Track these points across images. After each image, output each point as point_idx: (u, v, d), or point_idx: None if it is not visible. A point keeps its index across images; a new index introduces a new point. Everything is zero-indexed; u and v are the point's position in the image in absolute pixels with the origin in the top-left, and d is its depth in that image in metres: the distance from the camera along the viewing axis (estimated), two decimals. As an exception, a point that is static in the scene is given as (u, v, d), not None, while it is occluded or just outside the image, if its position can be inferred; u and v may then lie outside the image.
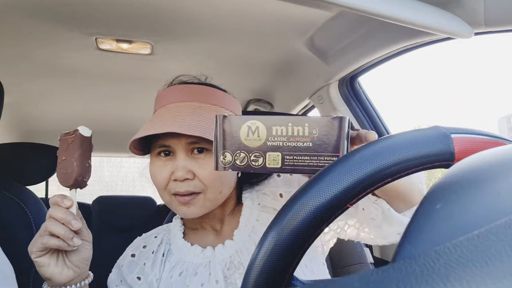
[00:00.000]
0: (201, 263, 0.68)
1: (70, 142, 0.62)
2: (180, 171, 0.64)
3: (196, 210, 0.66)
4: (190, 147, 0.66)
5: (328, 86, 1.22)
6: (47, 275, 0.58)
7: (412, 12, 0.67)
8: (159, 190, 0.69)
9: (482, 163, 0.22)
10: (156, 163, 0.68)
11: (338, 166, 0.31)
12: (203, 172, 0.65)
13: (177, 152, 0.66)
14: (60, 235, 0.56)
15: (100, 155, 2.59)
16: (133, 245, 0.77)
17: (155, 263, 0.71)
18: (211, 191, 0.66)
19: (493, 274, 0.13)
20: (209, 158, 0.66)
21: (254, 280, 0.31)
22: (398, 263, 0.15)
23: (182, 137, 0.65)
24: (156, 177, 0.67)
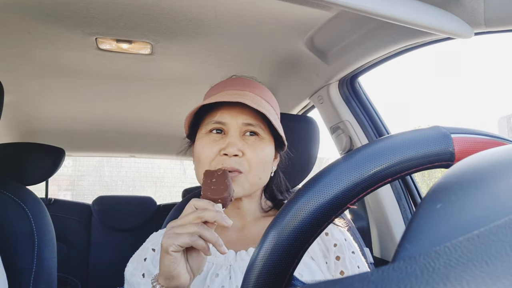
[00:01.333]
0: (223, 264, 0.68)
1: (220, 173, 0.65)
2: (232, 147, 0.67)
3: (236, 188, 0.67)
4: (244, 128, 0.71)
5: (328, 86, 1.22)
6: (174, 273, 0.55)
7: (412, 12, 0.67)
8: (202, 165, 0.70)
9: (482, 163, 0.22)
10: (205, 139, 0.71)
11: (338, 166, 0.31)
12: (252, 153, 0.69)
13: (230, 130, 0.70)
14: (212, 241, 0.54)
15: (100, 155, 2.60)
16: (152, 240, 0.76)
17: None
18: (253, 173, 0.69)
19: (493, 274, 0.13)
20: (259, 141, 0.71)
21: (254, 280, 0.31)
22: (398, 263, 0.15)
23: (240, 116, 0.70)
24: (205, 151, 0.70)
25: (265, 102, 0.74)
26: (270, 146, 0.73)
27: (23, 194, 0.99)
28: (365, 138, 1.20)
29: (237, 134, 0.70)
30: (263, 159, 0.70)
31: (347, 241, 0.74)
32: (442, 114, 16.60)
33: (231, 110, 0.71)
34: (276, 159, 0.80)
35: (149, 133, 2.11)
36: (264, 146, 0.72)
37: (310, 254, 0.72)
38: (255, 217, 0.77)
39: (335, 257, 0.72)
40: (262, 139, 0.72)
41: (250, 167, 0.69)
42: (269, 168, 0.74)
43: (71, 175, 7.98)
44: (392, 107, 16.94)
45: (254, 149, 0.70)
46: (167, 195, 7.56)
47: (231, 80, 0.79)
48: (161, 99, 1.67)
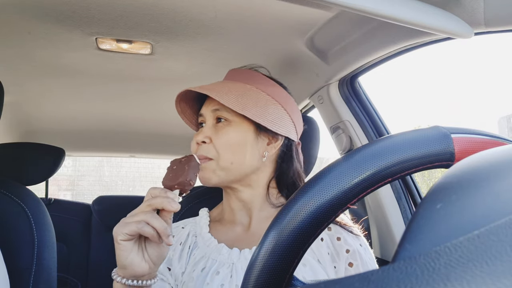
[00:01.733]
0: (225, 262, 0.68)
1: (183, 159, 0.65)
2: (199, 135, 0.72)
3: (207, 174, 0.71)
4: (215, 115, 0.74)
5: (328, 86, 1.22)
6: (126, 262, 0.55)
7: (412, 12, 0.67)
8: None
9: (482, 163, 0.22)
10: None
11: (338, 166, 0.31)
12: (218, 140, 0.71)
13: (206, 120, 0.75)
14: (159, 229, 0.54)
15: (100, 155, 2.60)
16: None
17: (182, 255, 0.72)
18: (223, 158, 0.70)
19: (494, 274, 0.13)
20: (227, 127, 0.72)
21: (254, 280, 0.31)
22: (398, 263, 0.15)
23: (210, 104, 0.75)
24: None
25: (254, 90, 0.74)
26: (240, 130, 0.72)
27: (23, 194, 0.99)
28: (365, 138, 1.20)
29: (210, 123, 0.74)
30: (229, 142, 0.71)
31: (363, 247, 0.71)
32: (442, 114, 16.58)
33: (207, 101, 0.76)
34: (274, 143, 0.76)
35: (149, 133, 2.11)
36: (230, 129, 0.72)
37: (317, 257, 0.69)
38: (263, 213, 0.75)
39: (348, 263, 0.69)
40: (229, 123, 0.72)
41: (218, 153, 0.71)
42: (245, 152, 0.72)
43: (71, 175, 7.98)
44: (392, 107, 16.92)
45: (219, 135, 0.71)
46: (167, 195, 7.53)
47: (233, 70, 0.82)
48: (161, 99, 1.67)
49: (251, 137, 0.73)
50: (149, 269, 0.57)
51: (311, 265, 0.68)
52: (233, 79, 0.78)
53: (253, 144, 0.73)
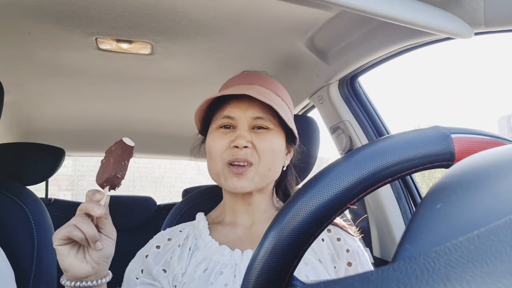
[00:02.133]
0: (228, 263, 0.68)
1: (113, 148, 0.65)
2: (241, 139, 0.68)
3: (246, 183, 0.69)
4: (254, 122, 0.71)
5: (328, 86, 1.22)
6: (65, 265, 0.57)
7: (412, 12, 0.67)
8: (213, 159, 0.71)
9: (482, 163, 0.22)
10: (215, 133, 0.73)
11: (338, 166, 0.31)
12: (262, 144, 0.70)
13: (239, 124, 0.71)
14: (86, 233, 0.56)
15: (100, 155, 2.59)
16: (157, 237, 0.77)
17: (182, 256, 0.71)
18: (263, 164, 0.70)
19: (493, 274, 0.13)
20: (268, 134, 0.71)
21: (254, 280, 0.31)
22: (398, 263, 0.15)
23: (249, 110, 0.71)
24: (215, 145, 0.71)
25: (274, 95, 0.74)
26: (279, 138, 0.74)
27: (23, 194, 0.99)
28: (365, 138, 1.20)
29: (246, 127, 0.71)
30: (272, 148, 0.71)
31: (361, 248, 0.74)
32: (442, 114, 16.59)
33: (240, 104, 0.72)
34: (289, 154, 0.80)
35: (149, 133, 2.11)
36: (272, 136, 0.72)
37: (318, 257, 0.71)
38: (265, 215, 0.77)
39: (347, 263, 0.71)
40: (271, 131, 0.72)
41: (259, 157, 0.70)
42: (280, 159, 0.74)
43: (71, 175, 7.97)
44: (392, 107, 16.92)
45: (264, 140, 0.70)
46: (167, 195, 7.57)
47: (242, 75, 0.80)
48: (161, 99, 1.67)
49: (284, 147, 0.76)
50: (93, 269, 0.59)
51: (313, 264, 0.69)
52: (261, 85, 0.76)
53: (283, 153, 0.76)
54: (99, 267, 0.59)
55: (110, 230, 0.62)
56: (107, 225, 0.62)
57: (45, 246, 0.95)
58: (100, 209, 0.57)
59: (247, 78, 0.78)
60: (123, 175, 0.64)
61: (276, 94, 0.75)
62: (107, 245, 0.60)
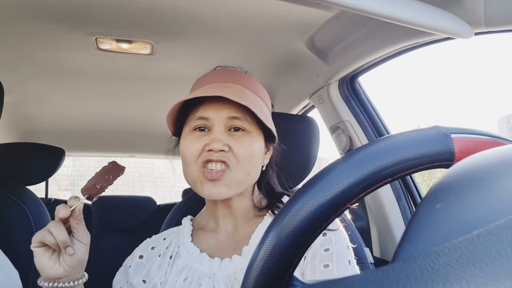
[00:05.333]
0: (206, 273, 0.66)
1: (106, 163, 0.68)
2: (217, 142, 0.64)
3: (222, 189, 0.65)
4: (230, 123, 0.67)
5: (328, 86, 1.22)
6: (39, 266, 0.61)
7: (412, 12, 0.67)
8: (188, 165, 0.68)
9: (482, 163, 0.22)
10: (189, 137, 0.69)
11: (338, 166, 0.31)
12: (239, 147, 0.66)
13: (214, 126, 0.67)
14: (57, 238, 0.58)
15: (100, 155, 2.59)
16: (142, 246, 0.77)
17: (162, 266, 0.70)
18: (241, 169, 0.66)
19: (493, 274, 0.13)
20: (245, 136, 0.67)
21: (254, 280, 0.31)
22: (398, 263, 0.15)
23: (224, 110, 0.67)
24: (189, 149, 0.67)
25: (250, 93, 0.71)
26: (258, 140, 0.70)
27: (23, 194, 0.99)
28: (365, 138, 1.20)
29: (222, 129, 0.66)
30: (251, 153, 0.67)
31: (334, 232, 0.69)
32: (442, 114, 16.58)
33: (214, 104, 0.67)
34: (268, 152, 0.76)
35: (149, 133, 2.11)
36: (252, 139, 0.68)
37: None
38: (247, 217, 0.74)
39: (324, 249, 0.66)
40: (249, 133, 0.68)
41: (237, 162, 0.66)
42: (259, 163, 0.70)
43: (71, 175, 7.97)
44: (392, 107, 16.88)
45: (240, 143, 0.66)
46: (167, 195, 7.57)
47: (215, 73, 0.75)
48: (161, 99, 1.67)
49: (263, 148, 0.72)
50: (65, 272, 0.61)
51: None
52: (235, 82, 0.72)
53: (262, 155, 0.72)
54: (72, 270, 0.61)
55: (82, 235, 0.63)
56: (80, 231, 0.62)
57: (45, 246, 0.95)
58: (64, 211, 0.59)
59: (220, 76, 0.73)
60: (103, 187, 0.66)
61: (251, 91, 0.72)
62: (79, 249, 0.62)
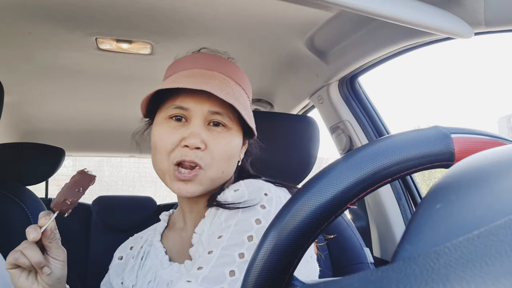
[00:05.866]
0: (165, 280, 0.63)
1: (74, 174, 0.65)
2: (194, 138, 0.59)
3: (193, 187, 0.61)
4: (210, 117, 0.62)
5: (328, 86, 1.22)
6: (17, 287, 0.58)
7: (412, 12, 0.67)
8: (159, 155, 0.62)
9: (482, 163, 0.22)
10: (164, 125, 0.63)
11: (338, 166, 0.31)
12: (217, 146, 0.61)
13: (193, 118, 0.61)
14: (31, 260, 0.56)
15: (100, 155, 2.60)
16: (122, 247, 0.75)
17: (133, 268, 0.69)
18: (216, 167, 0.62)
19: (493, 274, 0.13)
20: (225, 133, 0.63)
21: (254, 280, 0.31)
22: (398, 263, 0.15)
23: (206, 103, 0.61)
24: (163, 140, 0.61)
25: (234, 85, 0.66)
26: (237, 137, 0.65)
27: (23, 194, 0.99)
28: (365, 138, 1.20)
29: (201, 123, 0.61)
30: (228, 152, 0.62)
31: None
32: (442, 114, 16.59)
33: (196, 95, 0.61)
34: (244, 146, 0.71)
35: (149, 133, 2.11)
36: (231, 137, 0.63)
37: None
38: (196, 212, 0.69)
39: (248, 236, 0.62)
40: (229, 130, 0.63)
41: (212, 161, 0.61)
42: (235, 160, 0.66)
43: (71, 175, 7.96)
44: (392, 107, 16.90)
45: (219, 141, 0.62)
46: (167, 195, 7.56)
47: (200, 56, 0.69)
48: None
49: (240, 145, 0.67)
50: None
51: None
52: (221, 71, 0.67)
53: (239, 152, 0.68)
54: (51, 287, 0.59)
55: (56, 253, 0.60)
56: (53, 249, 0.60)
57: (45, 246, 0.95)
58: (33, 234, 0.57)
59: (206, 61, 0.67)
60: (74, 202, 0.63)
61: (235, 83, 0.66)
62: (55, 267, 0.59)
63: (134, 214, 2.22)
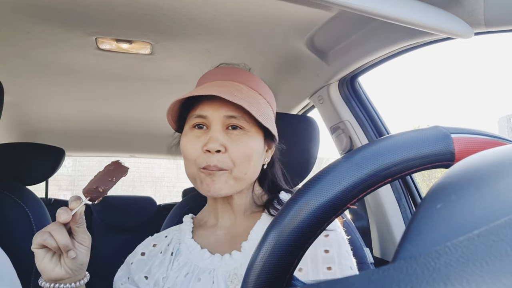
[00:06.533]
0: (206, 269, 0.67)
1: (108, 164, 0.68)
2: (213, 142, 0.65)
3: (220, 184, 0.66)
4: (227, 122, 0.68)
5: (328, 86, 1.22)
6: (40, 268, 0.61)
7: (412, 12, 0.67)
8: (187, 162, 0.69)
9: (482, 163, 0.22)
10: (188, 135, 0.70)
11: (338, 166, 0.31)
12: (235, 148, 0.66)
13: (212, 124, 0.67)
14: (59, 242, 0.58)
15: (100, 155, 2.60)
16: (144, 244, 0.77)
17: (163, 262, 0.71)
18: (238, 168, 0.67)
19: (494, 274, 0.13)
20: (243, 135, 0.68)
21: (254, 280, 0.31)
22: (399, 263, 0.15)
23: (221, 108, 0.67)
24: (187, 148, 0.68)
25: (250, 91, 0.71)
26: (256, 139, 0.70)
27: (23, 194, 0.99)
28: (365, 138, 1.20)
29: (220, 128, 0.67)
30: (247, 154, 0.67)
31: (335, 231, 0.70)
32: (442, 114, 16.59)
33: (212, 102, 0.68)
34: (270, 150, 0.77)
35: (149, 133, 2.11)
36: (249, 139, 0.68)
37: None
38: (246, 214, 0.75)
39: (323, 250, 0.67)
40: (246, 132, 0.68)
41: (234, 163, 0.66)
42: (258, 161, 0.71)
43: (71, 175, 7.98)
44: (392, 107, 16.89)
45: (237, 143, 0.67)
46: (167, 195, 7.57)
47: (217, 70, 0.77)
48: (161, 99, 1.67)
49: (262, 147, 0.72)
50: (66, 274, 0.61)
51: None
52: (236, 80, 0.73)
53: (261, 154, 0.73)
54: (73, 272, 0.62)
55: (82, 238, 0.63)
56: (79, 233, 0.63)
57: (45, 246, 0.95)
58: (65, 216, 0.59)
59: (222, 74, 0.75)
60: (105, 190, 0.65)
61: (251, 89, 0.72)
62: (80, 252, 0.62)
63: (134, 214, 2.22)
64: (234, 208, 0.74)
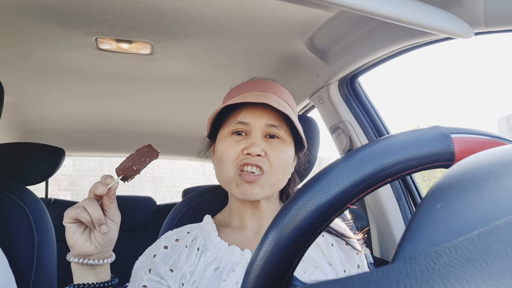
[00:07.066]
0: (239, 262, 0.70)
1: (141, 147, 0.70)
2: (255, 147, 0.69)
3: (257, 189, 0.69)
4: (267, 130, 0.72)
5: (328, 86, 1.22)
6: (70, 242, 0.62)
7: (412, 12, 0.67)
8: (225, 164, 0.72)
9: (482, 163, 0.22)
10: (227, 139, 0.73)
11: (338, 166, 0.31)
12: (275, 154, 0.71)
13: (253, 131, 0.72)
14: (93, 216, 0.60)
15: (100, 155, 2.59)
16: (165, 238, 0.78)
17: (190, 256, 0.72)
18: (274, 174, 0.71)
19: (493, 274, 0.13)
20: (280, 144, 0.73)
21: (254, 280, 0.31)
22: (398, 263, 0.15)
23: (263, 117, 0.72)
24: (228, 151, 0.71)
25: (286, 104, 0.76)
26: (291, 149, 0.75)
27: (23, 194, 0.99)
28: (365, 138, 1.20)
29: (260, 135, 0.72)
30: (284, 160, 0.72)
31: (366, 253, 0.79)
32: (442, 114, 16.59)
33: (254, 110, 0.73)
34: (294, 161, 0.82)
35: (149, 133, 2.11)
36: (286, 148, 0.73)
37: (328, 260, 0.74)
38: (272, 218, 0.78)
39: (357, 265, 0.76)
40: (284, 141, 0.73)
41: (271, 168, 0.70)
42: (289, 170, 0.76)
43: (71, 175, 7.98)
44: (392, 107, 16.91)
45: (276, 150, 0.71)
46: (167, 195, 7.56)
47: (254, 82, 0.81)
48: (161, 99, 1.67)
49: (293, 157, 0.77)
50: (95, 249, 0.63)
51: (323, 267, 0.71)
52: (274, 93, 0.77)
53: (292, 163, 0.78)
54: (102, 248, 0.64)
55: (114, 214, 0.65)
56: (112, 209, 0.65)
57: (45, 246, 0.95)
58: (102, 188, 0.61)
59: (260, 85, 0.78)
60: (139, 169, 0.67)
61: (287, 103, 0.77)
62: (111, 228, 0.64)
63: (134, 214, 2.22)
64: (261, 212, 0.77)
